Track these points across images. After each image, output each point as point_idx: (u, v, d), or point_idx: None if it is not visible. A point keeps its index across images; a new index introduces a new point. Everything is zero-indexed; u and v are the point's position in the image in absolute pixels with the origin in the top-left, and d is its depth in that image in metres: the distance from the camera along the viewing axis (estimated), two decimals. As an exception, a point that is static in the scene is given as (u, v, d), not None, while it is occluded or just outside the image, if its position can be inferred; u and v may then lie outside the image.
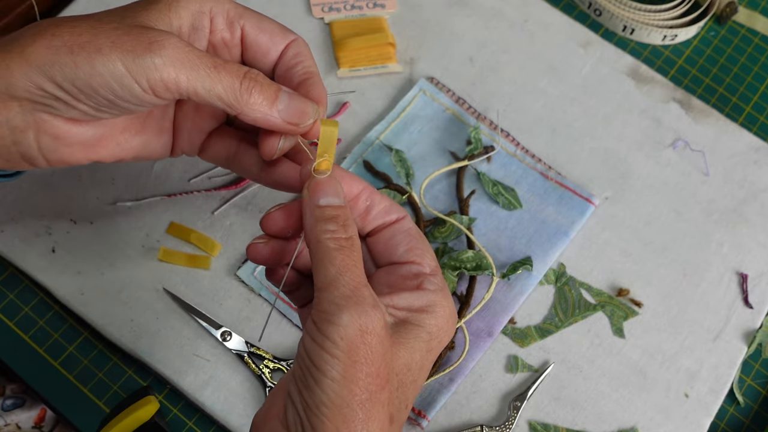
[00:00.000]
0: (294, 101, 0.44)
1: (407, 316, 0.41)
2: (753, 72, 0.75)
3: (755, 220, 0.65)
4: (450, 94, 0.68)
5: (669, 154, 0.68)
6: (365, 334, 0.38)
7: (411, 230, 0.45)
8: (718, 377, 0.60)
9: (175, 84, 0.41)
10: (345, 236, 0.40)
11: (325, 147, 0.42)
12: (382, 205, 0.45)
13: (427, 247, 0.44)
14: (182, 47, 0.42)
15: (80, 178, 0.63)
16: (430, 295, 0.42)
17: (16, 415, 0.58)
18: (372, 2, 0.72)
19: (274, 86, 0.44)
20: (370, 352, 0.38)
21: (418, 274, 0.43)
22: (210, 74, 0.42)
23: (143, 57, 0.41)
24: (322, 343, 0.38)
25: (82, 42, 0.41)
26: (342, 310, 0.38)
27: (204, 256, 0.61)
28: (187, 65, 0.41)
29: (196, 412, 0.58)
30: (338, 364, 0.37)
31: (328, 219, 0.41)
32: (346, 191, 0.43)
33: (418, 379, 0.42)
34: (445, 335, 0.42)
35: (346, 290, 0.39)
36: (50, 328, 0.60)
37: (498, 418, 0.58)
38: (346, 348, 0.37)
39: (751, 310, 0.62)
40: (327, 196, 0.41)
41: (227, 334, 0.58)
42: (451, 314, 0.43)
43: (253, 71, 0.43)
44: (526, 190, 0.65)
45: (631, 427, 0.58)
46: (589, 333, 0.61)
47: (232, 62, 0.43)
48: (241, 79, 0.43)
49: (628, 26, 0.74)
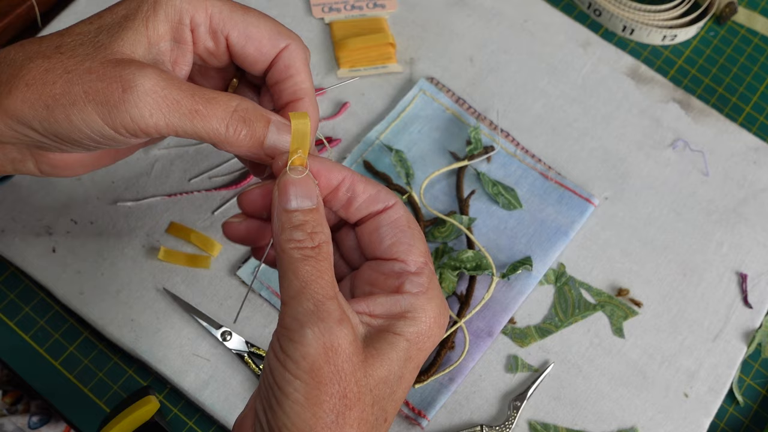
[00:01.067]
0: (283, 135, 0.41)
1: (384, 324, 0.39)
2: (752, 72, 0.75)
3: (755, 220, 0.66)
4: (450, 94, 0.68)
5: (669, 154, 0.68)
6: (330, 353, 0.35)
7: (398, 221, 0.41)
8: (717, 377, 0.60)
9: (155, 129, 0.39)
10: (311, 245, 0.38)
11: (298, 142, 0.39)
12: (366, 194, 0.41)
13: (415, 240, 0.41)
14: (159, 88, 0.38)
15: (80, 178, 0.63)
16: (410, 298, 0.39)
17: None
18: (372, 2, 0.72)
19: (263, 120, 0.40)
20: (336, 372, 0.35)
21: (400, 273, 0.40)
22: (192, 119, 0.39)
23: (118, 108, 0.38)
24: (284, 362, 0.36)
25: (55, 94, 0.39)
26: (304, 326, 0.36)
27: (204, 256, 0.61)
28: (165, 109, 0.39)
29: (197, 412, 0.58)
30: (301, 385, 0.35)
31: (295, 226, 0.38)
32: (325, 182, 0.40)
33: (398, 390, 0.39)
34: (427, 341, 0.40)
35: (309, 305, 0.36)
36: (50, 327, 0.60)
37: (498, 418, 0.58)
38: (308, 368, 0.35)
39: (750, 310, 0.62)
40: (296, 198, 0.39)
41: (227, 334, 0.58)
42: (436, 318, 0.40)
43: (242, 106, 0.40)
44: (526, 190, 0.65)
45: (630, 426, 0.58)
46: (588, 333, 0.61)
47: (219, 98, 0.40)
48: (227, 121, 0.40)
49: (627, 26, 0.74)
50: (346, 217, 0.42)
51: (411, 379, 0.40)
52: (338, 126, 0.67)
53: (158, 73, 0.39)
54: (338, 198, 0.41)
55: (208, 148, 0.65)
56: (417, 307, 0.39)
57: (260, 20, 0.44)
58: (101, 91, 0.38)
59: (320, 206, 0.39)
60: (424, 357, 0.40)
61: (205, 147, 0.65)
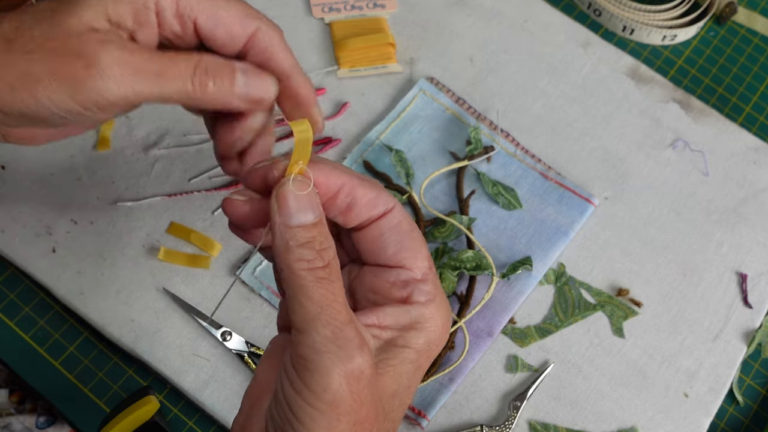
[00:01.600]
0: (252, 79, 0.40)
1: (393, 336, 0.37)
2: (752, 72, 0.75)
3: (755, 220, 0.66)
4: (450, 94, 0.68)
5: (669, 154, 0.68)
6: (352, 382, 0.34)
7: (401, 225, 0.39)
8: (717, 377, 0.60)
9: (125, 100, 0.39)
10: (322, 264, 0.35)
11: (300, 152, 0.36)
12: (366, 198, 0.38)
13: (419, 245, 0.39)
14: (122, 55, 0.38)
15: (80, 178, 0.63)
16: (419, 309, 0.38)
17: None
18: (372, 2, 0.72)
19: (228, 68, 0.40)
20: (358, 400, 0.34)
21: (407, 282, 0.39)
22: (158, 81, 0.39)
23: (85, 85, 0.38)
24: (303, 395, 0.34)
25: (18, 74, 0.38)
26: (323, 356, 0.34)
27: (204, 256, 0.61)
28: (130, 79, 0.38)
29: (197, 412, 0.58)
30: (323, 418, 0.34)
31: (302, 245, 0.35)
32: (324, 188, 0.37)
33: (406, 400, 0.38)
34: (436, 348, 0.39)
35: (327, 332, 0.34)
36: (50, 327, 0.60)
37: (498, 418, 0.58)
38: (330, 400, 0.34)
39: (750, 310, 0.62)
40: (299, 213, 0.36)
41: (227, 334, 0.58)
42: (443, 324, 0.39)
43: (204, 60, 0.40)
44: (526, 190, 0.65)
45: (630, 426, 0.58)
46: (588, 333, 0.61)
47: (180, 56, 0.40)
48: (191, 77, 0.39)
49: (627, 26, 0.74)
50: (344, 222, 0.39)
51: (417, 385, 0.39)
52: (338, 126, 0.67)
53: (119, 45, 0.39)
54: (337, 205, 0.38)
55: (208, 148, 0.65)
56: (427, 317, 0.38)
57: (229, 3, 0.42)
58: (65, 69, 0.38)
59: (323, 218, 0.37)
60: (430, 362, 0.40)
61: (206, 147, 0.65)
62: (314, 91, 0.43)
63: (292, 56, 0.43)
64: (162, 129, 0.65)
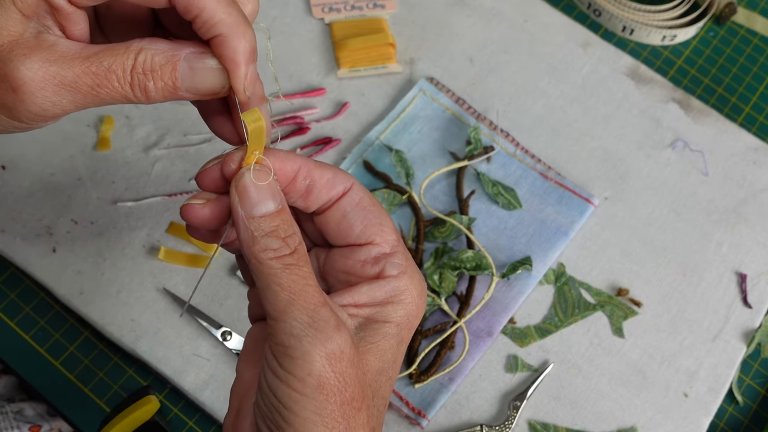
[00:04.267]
0: (197, 71, 0.36)
1: (371, 313, 0.37)
2: (752, 72, 0.75)
3: (754, 220, 0.66)
4: (450, 95, 0.68)
5: (668, 154, 0.68)
6: (334, 362, 0.34)
7: (362, 202, 0.39)
8: (717, 377, 0.60)
9: (64, 112, 0.36)
10: (289, 251, 0.35)
11: (255, 141, 0.36)
12: (324, 179, 0.38)
13: (384, 219, 0.39)
14: (50, 75, 0.35)
15: (80, 178, 0.63)
16: (393, 282, 0.38)
17: (59, 421, 0.58)
18: (372, 2, 0.72)
19: (169, 64, 0.35)
20: (343, 380, 0.34)
21: (378, 257, 0.38)
22: (94, 93, 0.35)
23: (18, 108, 0.35)
24: (288, 382, 0.34)
25: None
26: (302, 341, 0.34)
27: (204, 256, 0.61)
28: (65, 95, 0.35)
29: (197, 412, 0.58)
30: (309, 402, 0.34)
31: (267, 234, 0.35)
32: (282, 174, 0.37)
33: (393, 375, 0.38)
34: (414, 320, 0.39)
35: (303, 317, 0.34)
36: (51, 327, 0.60)
37: (498, 418, 0.58)
38: (315, 384, 0.34)
39: (750, 310, 0.62)
40: (260, 203, 0.35)
41: (227, 334, 0.58)
42: (419, 294, 0.39)
43: (140, 59, 0.35)
44: (525, 190, 0.65)
45: (630, 426, 0.58)
46: (588, 333, 0.61)
47: (115, 57, 0.35)
48: (129, 82, 0.35)
49: (627, 27, 0.74)
50: (305, 206, 0.39)
51: (401, 358, 0.39)
52: (338, 126, 0.67)
53: (43, 58, 0.35)
54: (296, 188, 0.38)
55: (209, 148, 0.65)
56: (402, 289, 0.38)
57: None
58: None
59: (285, 204, 0.36)
60: (411, 336, 0.39)
61: (205, 147, 0.65)
62: (246, 51, 0.36)
63: (226, 9, 0.35)
64: (162, 129, 0.65)
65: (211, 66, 0.36)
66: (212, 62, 0.36)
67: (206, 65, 0.36)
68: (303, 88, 0.68)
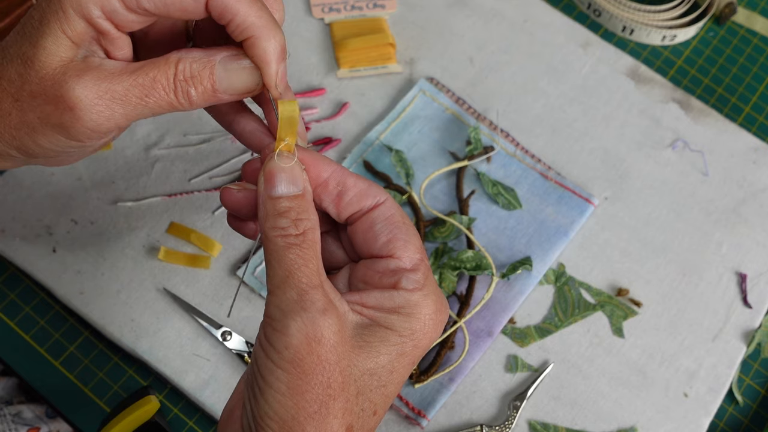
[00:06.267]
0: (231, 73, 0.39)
1: (376, 316, 0.38)
2: (752, 72, 0.75)
3: (754, 220, 0.66)
4: (450, 95, 0.68)
5: (668, 154, 0.68)
6: (313, 343, 0.35)
7: (393, 217, 0.40)
8: (717, 377, 0.60)
9: (117, 127, 0.39)
10: (296, 232, 0.37)
11: (286, 129, 0.39)
12: (357, 189, 0.40)
13: (410, 237, 0.40)
14: (102, 92, 0.38)
15: (80, 178, 0.63)
16: (405, 294, 0.38)
17: (57, 423, 0.58)
18: (372, 2, 0.72)
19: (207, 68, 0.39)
20: (319, 362, 0.35)
21: (396, 270, 0.39)
22: (144, 104, 0.39)
23: (75, 126, 0.38)
24: (268, 352, 0.36)
25: (16, 123, 0.39)
26: (287, 316, 0.35)
27: (204, 256, 0.61)
28: (118, 109, 0.38)
29: (197, 412, 0.58)
30: (283, 374, 0.35)
31: (280, 213, 0.37)
32: (315, 173, 0.39)
33: (389, 384, 0.38)
34: (423, 338, 0.39)
35: (293, 294, 0.36)
36: (51, 327, 0.60)
37: (498, 418, 0.58)
38: (291, 358, 0.35)
39: (750, 310, 0.62)
40: (281, 185, 0.38)
41: (227, 334, 0.58)
42: (432, 315, 0.39)
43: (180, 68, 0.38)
44: (525, 190, 0.65)
45: (630, 426, 0.58)
46: (588, 333, 0.61)
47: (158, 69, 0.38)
48: (174, 90, 0.39)
49: (627, 27, 0.74)
50: (337, 213, 0.41)
51: (405, 374, 0.39)
52: (338, 126, 0.67)
53: (94, 77, 0.38)
54: (329, 191, 0.40)
55: (208, 148, 0.65)
56: (412, 303, 0.38)
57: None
58: (52, 113, 0.38)
59: (307, 193, 0.39)
60: (421, 354, 0.39)
61: (205, 147, 0.65)
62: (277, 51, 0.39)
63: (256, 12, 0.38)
64: (162, 129, 0.65)
65: (244, 66, 0.39)
66: (245, 62, 0.39)
67: (240, 65, 0.39)
68: (303, 88, 0.68)
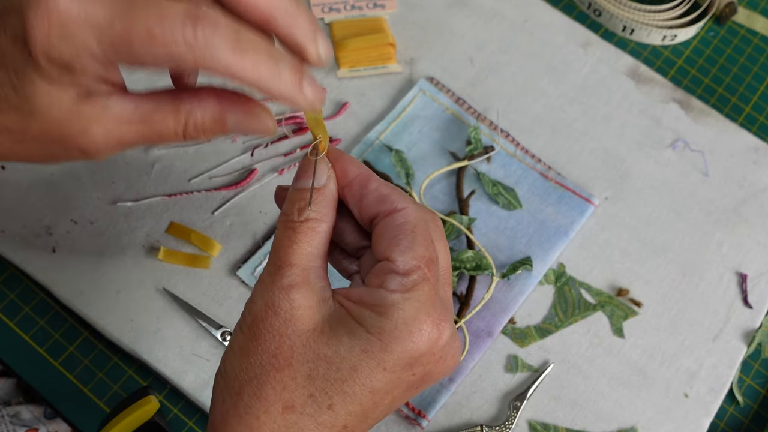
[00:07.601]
0: (244, 124, 0.38)
1: (352, 308, 0.38)
2: (752, 72, 0.75)
3: (755, 220, 0.66)
4: (450, 95, 0.68)
5: (668, 154, 0.68)
6: (269, 311, 0.38)
7: (404, 225, 0.39)
8: (717, 377, 0.60)
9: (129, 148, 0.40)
10: (297, 219, 0.39)
11: (315, 128, 0.41)
12: (376, 193, 0.40)
13: (415, 246, 0.39)
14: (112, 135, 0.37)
15: (80, 178, 0.63)
16: (384, 293, 0.38)
17: (56, 424, 0.58)
18: (372, 2, 0.72)
19: (218, 123, 0.38)
20: (271, 330, 0.38)
21: (387, 271, 0.38)
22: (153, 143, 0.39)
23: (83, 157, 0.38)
24: (240, 318, 0.39)
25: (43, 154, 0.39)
26: (259, 285, 0.39)
27: (204, 256, 0.61)
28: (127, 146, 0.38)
29: (197, 412, 0.58)
30: (240, 335, 0.39)
31: (291, 202, 0.40)
32: (340, 171, 0.41)
33: (349, 380, 0.37)
34: (394, 341, 0.37)
35: (271, 267, 0.39)
36: (50, 328, 0.60)
37: (498, 418, 0.58)
38: (250, 321, 0.38)
39: (750, 310, 0.62)
40: (301, 180, 0.41)
41: (227, 334, 0.58)
42: (411, 320, 0.37)
43: (191, 122, 0.38)
44: (526, 190, 0.65)
45: (630, 426, 0.58)
46: (588, 333, 0.61)
47: (165, 125, 0.38)
48: (183, 137, 0.38)
49: (627, 26, 0.74)
50: (359, 213, 0.41)
51: (371, 380, 0.37)
52: (338, 126, 0.67)
53: (103, 128, 0.37)
54: (352, 192, 0.41)
55: (208, 148, 0.65)
56: (388, 302, 0.37)
57: None
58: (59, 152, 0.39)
59: (327, 189, 0.40)
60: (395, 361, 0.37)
61: (205, 147, 0.65)
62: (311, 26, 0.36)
63: None
64: (162, 129, 0.65)
65: (257, 114, 0.38)
66: (257, 110, 0.38)
67: (253, 114, 0.38)
68: (303, 88, 0.68)
